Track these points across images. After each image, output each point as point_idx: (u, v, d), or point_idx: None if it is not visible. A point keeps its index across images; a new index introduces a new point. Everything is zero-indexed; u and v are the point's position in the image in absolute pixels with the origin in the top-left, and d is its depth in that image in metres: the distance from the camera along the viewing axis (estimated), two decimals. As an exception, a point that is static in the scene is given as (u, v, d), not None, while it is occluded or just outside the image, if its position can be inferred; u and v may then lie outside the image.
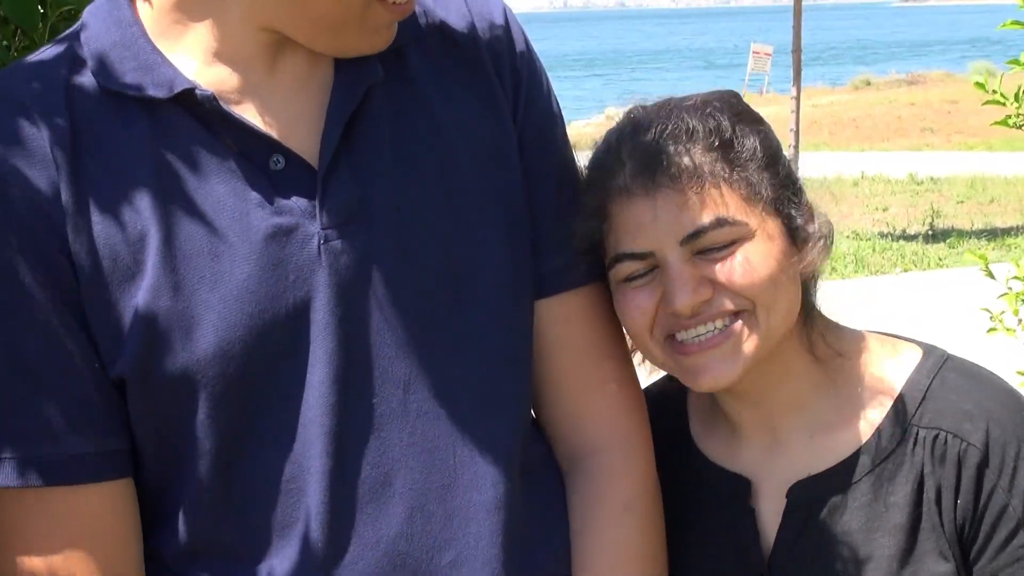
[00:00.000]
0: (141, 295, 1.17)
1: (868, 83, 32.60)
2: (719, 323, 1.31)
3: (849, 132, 20.84)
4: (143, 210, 1.17)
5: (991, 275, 2.58)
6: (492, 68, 1.32)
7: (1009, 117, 2.26)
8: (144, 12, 1.22)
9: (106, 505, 1.21)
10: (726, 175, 1.30)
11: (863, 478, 1.35)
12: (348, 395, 1.20)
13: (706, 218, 1.29)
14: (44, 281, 1.16)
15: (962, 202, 13.09)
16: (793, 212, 1.34)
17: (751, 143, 1.32)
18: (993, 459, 1.31)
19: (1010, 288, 2.50)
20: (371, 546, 1.21)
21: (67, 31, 1.26)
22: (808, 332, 1.38)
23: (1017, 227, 11.47)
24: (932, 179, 14.37)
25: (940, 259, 10.32)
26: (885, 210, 12.81)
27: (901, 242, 11.12)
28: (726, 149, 1.31)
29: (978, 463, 1.31)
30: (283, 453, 1.20)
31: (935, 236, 11.30)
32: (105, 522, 1.21)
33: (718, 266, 1.29)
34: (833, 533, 1.35)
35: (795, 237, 1.34)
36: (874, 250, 10.54)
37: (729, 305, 1.30)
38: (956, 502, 1.31)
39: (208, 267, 1.17)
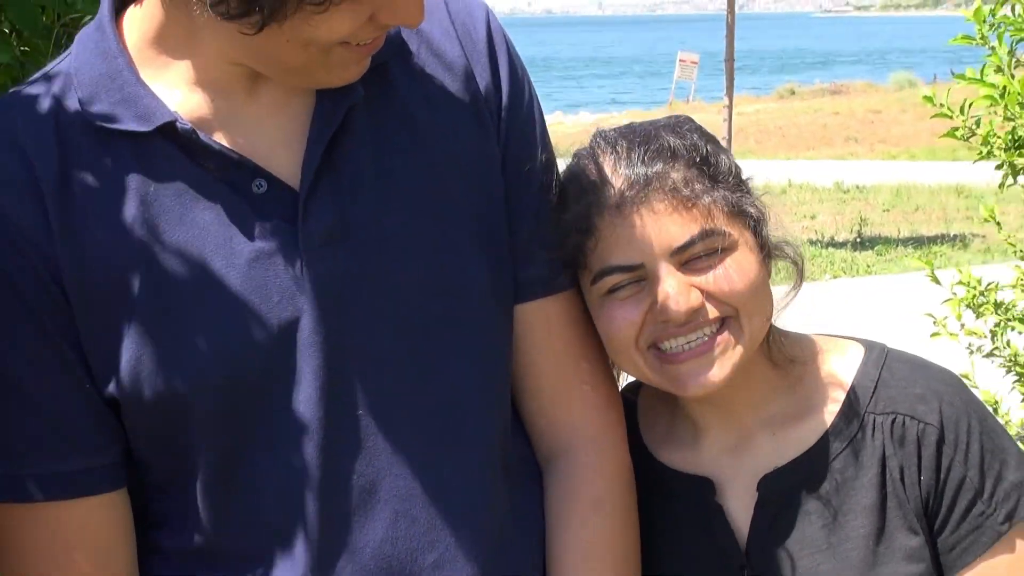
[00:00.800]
0: (131, 321, 1.19)
1: (793, 92, 33.03)
2: (706, 331, 1.36)
3: (775, 140, 21.11)
4: (131, 239, 1.19)
5: (937, 280, 2.59)
6: (475, 79, 1.32)
7: (956, 129, 2.32)
8: (130, 42, 1.23)
9: (98, 516, 1.24)
10: (708, 189, 1.35)
11: (828, 465, 1.42)
12: (335, 409, 1.23)
13: (694, 230, 1.34)
14: (36, 309, 1.18)
15: (888, 210, 13.33)
16: (761, 225, 1.41)
17: (725, 160, 1.39)
18: (948, 435, 1.39)
19: (954, 294, 2.54)
20: (359, 551, 1.24)
21: (58, 59, 1.28)
22: (766, 338, 1.44)
23: (942, 235, 11.71)
24: (858, 187, 14.59)
25: (869, 266, 10.52)
26: (813, 218, 13.00)
27: (831, 249, 11.30)
28: (706, 166, 1.36)
29: (936, 440, 1.39)
30: (275, 465, 1.23)
31: (863, 244, 11.50)
32: (97, 533, 1.24)
33: (705, 275, 1.34)
34: (806, 519, 1.41)
35: (764, 248, 1.41)
36: (804, 257, 10.67)
37: (715, 312, 1.35)
38: (920, 478, 1.39)
39: (195, 292, 1.19)
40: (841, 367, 1.46)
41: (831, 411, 1.43)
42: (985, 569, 1.38)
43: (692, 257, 1.34)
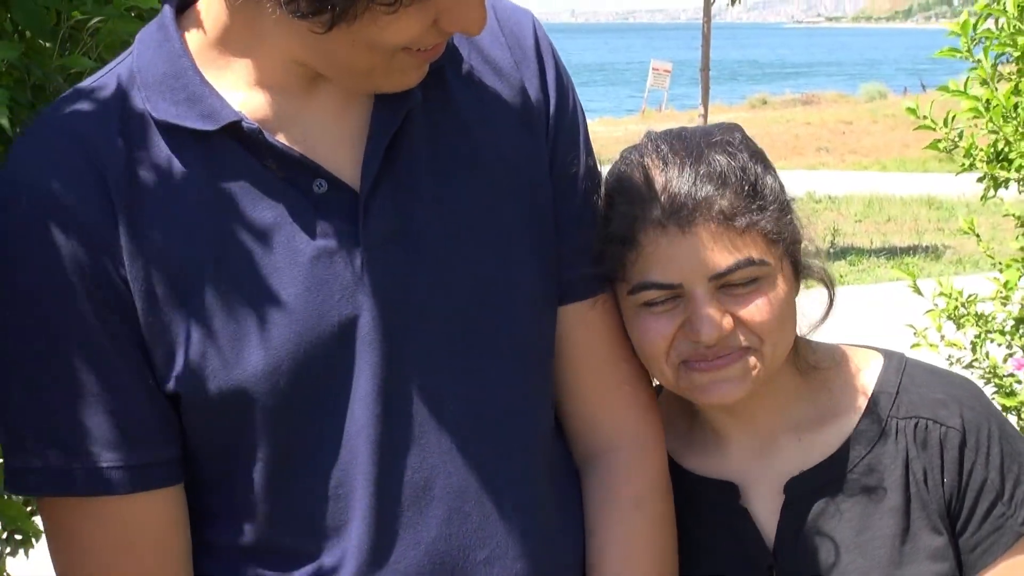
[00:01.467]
0: (194, 316, 1.20)
1: (765, 102, 33.19)
2: (730, 350, 1.38)
3: (748, 150, 21.12)
4: (195, 235, 1.21)
5: (919, 292, 2.61)
6: (525, 88, 1.35)
7: (939, 141, 2.35)
8: (192, 42, 1.25)
9: (157, 511, 1.25)
10: (754, 218, 1.36)
11: (853, 468, 1.45)
12: (391, 406, 1.24)
13: (736, 257, 1.35)
14: (101, 305, 1.20)
15: (860, 221, 13.37)
16: (799, 250, 1.43)
17: (772, 184, 1.40)
18: (970, 439, 1.43)
19: (936, 305, 2.57)
20: (412, 547, 1.25)
21: (119, 58, 1.29)
22: (793, 348, 1.47)
23: (914, 246, 11.77)
24: (830, 198, 14.62)
25: (842, 276, 10.54)
26: (786, 227, 13.03)
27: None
28: (754, 193, 1.37)
29: (959, 443, 1.43)
30: (331, 461, 1.24)
31: (836, 254, 11.55)
32: (156, 527, 1.25)
33: (740, 304, 1.37)
34: (833, 520, 1.44)
35: (799, 273, 1.44)
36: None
37: (743, 341, 1.38)
38: (943, 480, 1.43)
39: (257, 289, 1.21)
40: (863, 374, 1.50)
41: (855, 416, 1.47)
42: (1005, 568, 1.42)
43: (730, 284, 1.37)
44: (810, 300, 1.49)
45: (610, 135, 15.52)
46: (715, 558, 1.48)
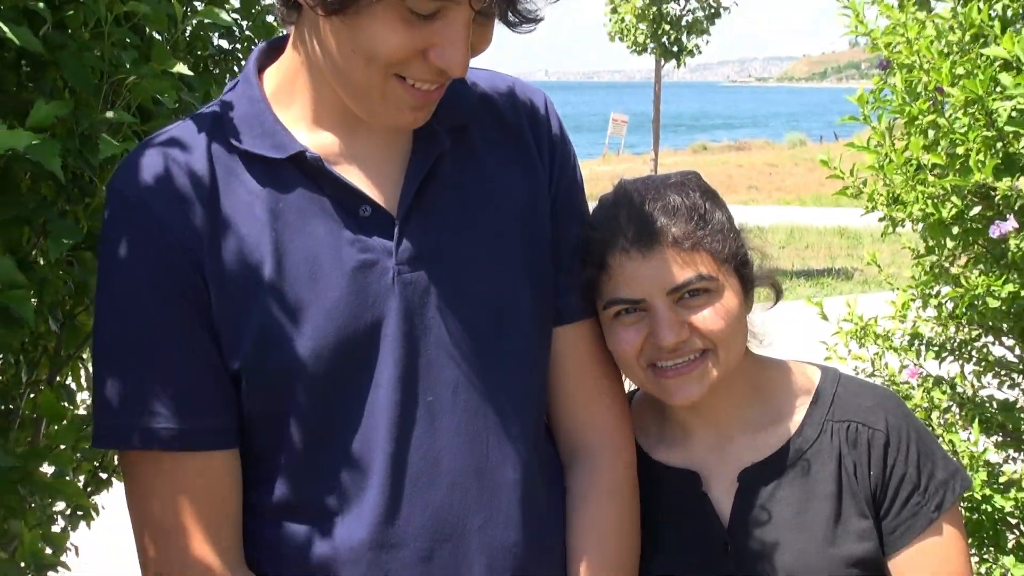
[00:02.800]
0: (256, 309, 1.24)
1: (705, 148, 33.35)
2: (691, 355, 1.40)
3: (691, 188, 21.16)
4: (261, 243, 1.25)
5: (826, 318, 2.63)
6: (534, 145, 1.40)
7: (847, 188, 2.36)
8: (267, 89, 1.32)
9: (215, 469, 1.27)
10: (702, 241, 1.39)
11: (795, 462, 1.46)
12: (408, 394, 1.27)
13: (688, 274, 1.37)
14: (183, 295, 1.23)
15: (783, 247, 13.40)
16: (746, 267, 1.45)
17: (719, 216, 1.42)
18: (893, 440, 1.44)
19: (841, 327, 2.59)
20: (419, 511, 1.28)
21: (211, 103, 1.36)
22: (746, 360, 1.49)
23: (827, 269, 11.82)
24: (759, 228, 14.45)
25: (768, 295, 10.59)
26: (721, 253, 13.05)
27: (735, 280, 11.36)
28: (702, 221, 1.40)
29: (883, 443, 1.44)
30: (355, 436, 1.27)
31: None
32: (213, 483, 1.27)
33: (694, 313, 1.39)
34: (778, 504, 1.45)
35: (747, 286, 1.46)
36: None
37: (699, 344, 1.39)
38: (869, 473, 1.44)
39: (308, 289, 1.25)
40: (804, 384, 1.51)
41: (797, 418, 1.48)
42: (919, 548, 1.43)
43: (684, 296, 1.39)
44: (756, 320, 1.51)
45: (576, 174, 15.51)
46: (680, 535, 1.48)
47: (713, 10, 13.29)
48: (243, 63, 2.24)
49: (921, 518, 1.43)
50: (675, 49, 13.20)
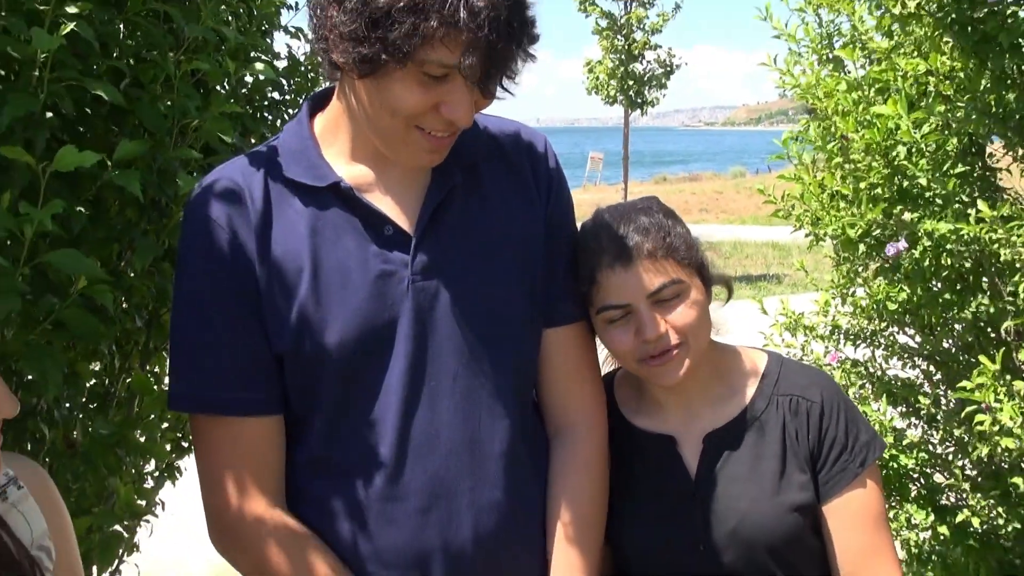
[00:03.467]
0: (296, 305, 1.25)
1: (665, 179, 33.36)
2: (672, 349, 1.40)
3: (653, 211, 21.11)
4: (301, 253, 1.26)
5: (765, 312, 2.65)
6: (533, 179, 1.39)
7: (779, 211, 2.37)
8: (317, 129, 1.33)
9: (264, 431, 1.28)
10: (670, 253, 1.39)
11: (749, 428, 1.45)
12: (416, 379, 1.27)
13: (662, 279, 1.38)
14: (240, 292, 1.25)
15: (729, 257, 13.40)
16: (704, 269, 1.45)
17: (680, 230, 1.43)
18: (827, 410, 1.44)
19: (777, 320, 2.60)
20: (421, 473, 1.27)
21: (270, 139, 1.36)
22: (709, 348, 1.48)
23: (764, 275, 11.83)
24: (708, 242, 14.48)
25: (715, 295, 10.57)
26: (679, 263, 13.02)
27: (689, 284, 11.33)
28: (667, 236, 1.40)
29: (819, 413, 1.44)
30: (371, 409, 1.27)
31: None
32: (261, 442, 1.28)
33: (670, 311, 1.39)
34: (735, 462, 1.44)
35: (708, 284, 1.45)
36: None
37: (676, 338, 1.39)
38: (808, 437, 1.44)
39: (339, 292, 1.25)
40: (754, 366, 1.51)
41: (750, 393, 1.48)
42: (847, 496, 1.43)
43: (662, 299, 1.39)
44: (715, 314, 1.50)
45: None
46: (656, 489, 1.48)
47: (669, 68, 13.37)
48: (289, 111, 2.25)
49: (848, 473, 1.43)
50: (639, 100, 13.26)
